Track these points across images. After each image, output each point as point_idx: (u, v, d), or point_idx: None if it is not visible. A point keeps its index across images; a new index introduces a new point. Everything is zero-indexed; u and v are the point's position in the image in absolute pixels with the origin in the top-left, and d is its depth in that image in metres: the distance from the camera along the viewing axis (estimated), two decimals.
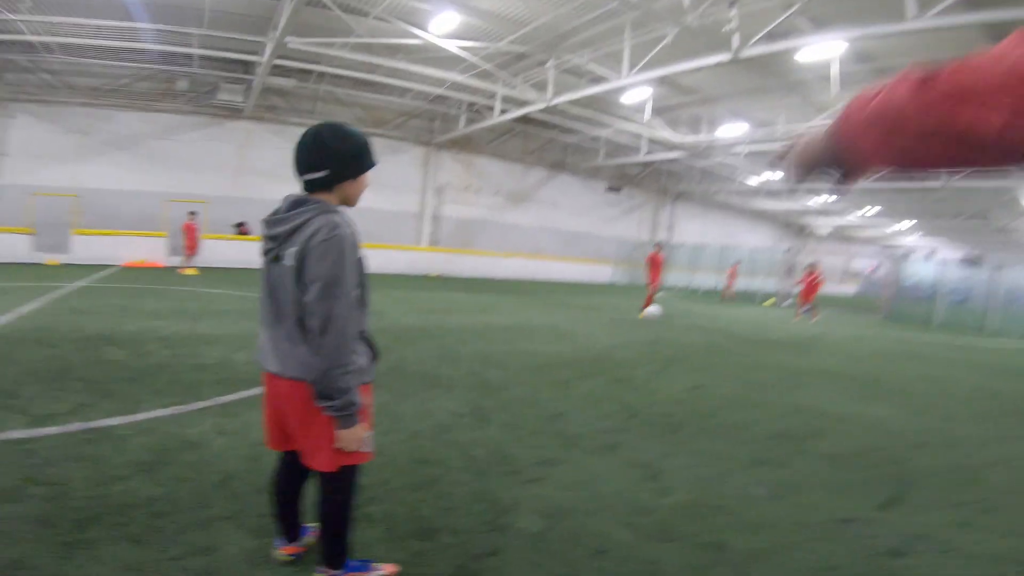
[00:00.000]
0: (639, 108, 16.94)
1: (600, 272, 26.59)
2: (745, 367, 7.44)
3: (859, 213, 33.52)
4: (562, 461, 3.58)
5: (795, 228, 40.67)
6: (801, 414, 5.20)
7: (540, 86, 15.41)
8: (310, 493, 2.16)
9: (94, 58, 15.13)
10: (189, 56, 15.09)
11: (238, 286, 11.93)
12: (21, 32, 13.11)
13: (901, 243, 47.10)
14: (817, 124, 15.95)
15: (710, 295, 23.83)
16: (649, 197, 29.48)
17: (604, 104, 17.53)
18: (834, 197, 28.24)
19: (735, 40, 9.99)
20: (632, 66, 12.24)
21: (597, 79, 13.86)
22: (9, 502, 2.49)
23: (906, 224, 36.94)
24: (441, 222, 21.99)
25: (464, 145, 22.04)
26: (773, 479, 3.55)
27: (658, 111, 17.97)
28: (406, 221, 21.41)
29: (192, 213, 14.76)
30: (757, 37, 9.89)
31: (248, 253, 17.13)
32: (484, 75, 15.09)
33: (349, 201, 2.05)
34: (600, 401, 5.07)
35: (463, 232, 22.67)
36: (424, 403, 4.57)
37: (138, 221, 16.68)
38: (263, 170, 18.32)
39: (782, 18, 9.50)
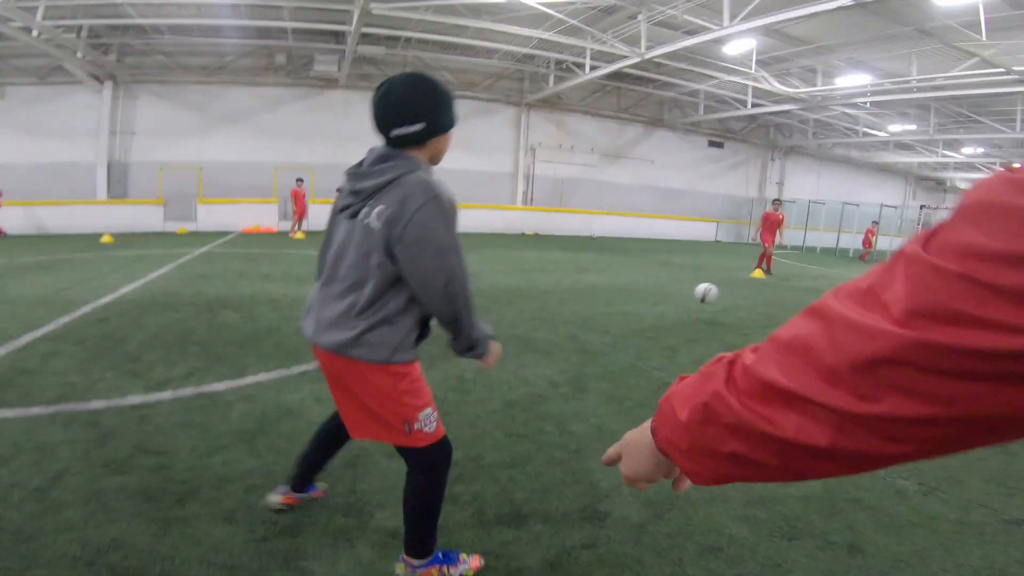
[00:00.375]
0: (744, 60, 15.45)
1: (703, 230, 25.27)
2: None
3: (1007, 165, 29.29)
4: None
5: (930, 184, 36.31)
6: None
7: (632, 40, 14.42)
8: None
9: (199, 36, 15.91)
10: (283, 31, 15.50)
11: None
12: (130, 16, 13.95)
13: None
14: (960, 74, 13.79)
15: (827, 253, 21.94)
16: (756, 152, 27.38)
17: (704, 56, 16.19)
18: (980, 149, 24.80)
19: None
20: (733, 15, 11.04)
21: (695, 31, 12.69)
22: (119, 474, 2.57)
23: None
24: (535, 181, 21.68)
25: (555, 104, 21.45)
26: (924, 470, 3.05)
27: (764, 63, 16.32)
28: (500, 181, 21.31)
29: (299, 180, 15.43)
30: None
31: None
32: (572, 31, 14.33)
33: (437, 158, 1.89)
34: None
35: (557, 190, 22.24)
36: (520, 369, 4.40)
37: (252, 190, 17.75)
38: (361, 137, 18.61)
39: None
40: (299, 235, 15.03)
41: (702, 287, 7.17)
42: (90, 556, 1.99)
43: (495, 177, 21.13)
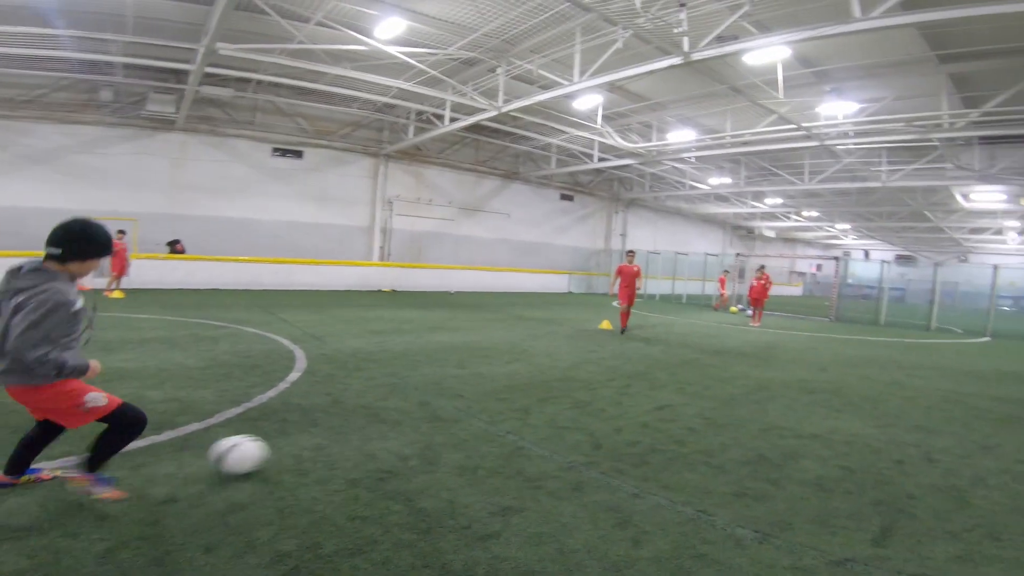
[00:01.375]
0: (590, 115, 16.82)
1: (557, 282, 26.40)
2: (709, 381, 7.18)
3: (801, 216, 34.51)
4: (523, 509, 3.14)
5: (743, 232, 41.66)
6: (774, 433, 4.92)
7: (490, 93, 15.07)
8: None
9: (6, 67, 13.93)
10: (111, 64, 14.03)
11: (167, 309, 11.03)
12: None
13: (840, 243, 48.98)
14: (763, 130, 16.21)
15: (665, 300, 23.90)
16: (602, 205, 29.59)
17: (556, 111, 17.37)
18: (779, 200, 29.02)
19: (685, 43, 9.91)
20: (583, 71, 12.07)
21: (548, 85, 13.62)
22: None
23: (844, 226, 38.26)
24: (392, 235, 21.30)
25: (414, 155, 21.54)
26: (758, 516, 3.20)
27: (609, 118, 17.93)
28: (356, 235, 20.63)
29: (120, 232, 13.67)
30: (707, 40, 9.83)
31: (182, 273, 16.09)
32: (433, 82, 14.60)
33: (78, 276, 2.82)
34: (563, 431, 4.65)
35: (415, 245, 22.05)
36: (366, 443, 4.05)
37: None
38: (200, 185, 17.39)
39: (730, 20, 9.44)
40: (116, 294, 13.21)
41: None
42: None
43: (350, 231, 20.44)
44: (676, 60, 10.31)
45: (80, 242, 2.70)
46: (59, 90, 15.50)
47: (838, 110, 14.76)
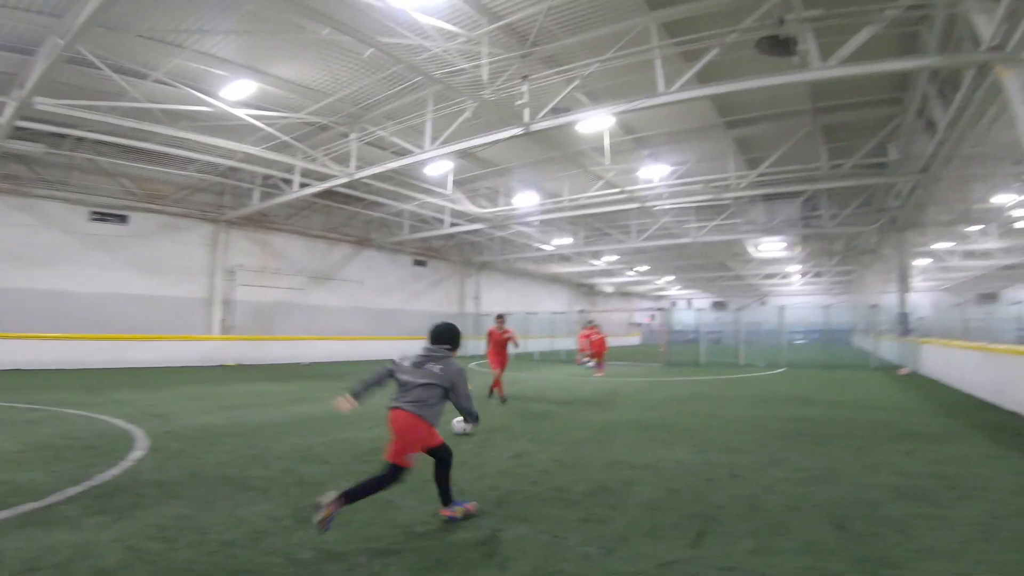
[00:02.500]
0: (442, 181, 17.69)
1: (414, 348, 26.30)
2: (559, 428, 7.88)
3: (633, 271, 38.37)
4: (400, 551, 3.41)
5: (585, 289, 45.03)
6: (615, 467, 5.63)
7: (342, 159, 15.29)
8: None
9: None
10: None
11: None
12: None
13: (667, 295, 54.78)
14: (594, 194, 18.23)
15: (518, 358, 25.00)
16: (454, 269, 30.49)
17: (408, 177, 18.00)
18: (615, 257, 32.11)
19: (526, 114, 11.11)
20: (434, 139, 12.77)
21: (400, 152, 14.21)
22: None
23: (669, 278, 43.14)
24: (235, 307, 20.12)
25: (259, 222, 20.78)
26: (602, 535, 3.75)
27: (459, 183, 18.94)
28: (194, 307, 19.20)
29: None
30: (544, 111, 11.11)
31: None
32: (282, 146, 14.49)
33: None
34: (428, 483, 4.89)
35: (262, 316, 20.98)
36: (233, 509, 4.05)
37: None
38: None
39: (564, 92, 10.83)
40: None
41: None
42: None
43: (187, 303, 18.96)
44: (517, 130, 11.44)
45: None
46: None
47: (654, 173, 17.18)
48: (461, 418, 5.11)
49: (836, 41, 8.56)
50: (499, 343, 10.90)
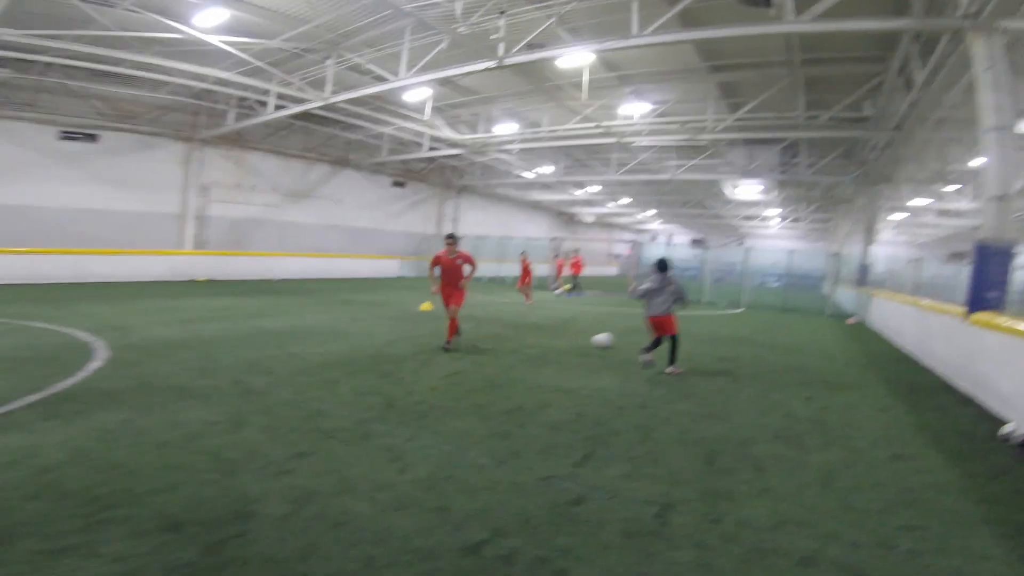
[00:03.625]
0: (420, 107, 17.47)
1: (389, 266, 26.80)
2: (503, 351, 8.42)
3: (615, 203, 38.49)
4: (315, 452, 3.91)
5: (566, 217, 45.17)
6: (538, 391, 6.16)
7: (319, 84, 15.03)
8: None
9: None
10: None
11: None
12: None
13: (649, 229, 55.17)
14: (573, 126, 18.16)
15: (493, 282, 25.51)
16: (434, 191, 30.41)
17: (387, 102, 17.71)
18: (597, 188, 32.20)
19: (501, 48, 10.98)
20: (410, 67, 12.62)
21: (377, 78, 13.99)
22: None
23: (651, 212, 43.36)
24: (208, 222, 20.10)
25: (235, 141, 20.43)
26: (500, 450, 4.27)
27: (439, 110, 18.72)
28: (165, 222, 19.10)
29: None
30: (519, 46, 10.96)
31: None
32: (256, 71, 14.21)
33: None
34: (362, 395, 5.47)
35: (236, 232, 21.02)
36: (174, 415, 4.53)
37: None
38: None
39: (540, 29, 10.68)
40: None
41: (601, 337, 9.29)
42: None
43: (157, 218, 18.82)
44: (491, 64, 11.30)
45: None
46: None
47: (635, 110, 17.11)
48: (603, 335, 9.38)
49: None
50: (451, 271, 8.55)
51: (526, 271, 17.77)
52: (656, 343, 7.63)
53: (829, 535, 3.14)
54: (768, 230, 47.01)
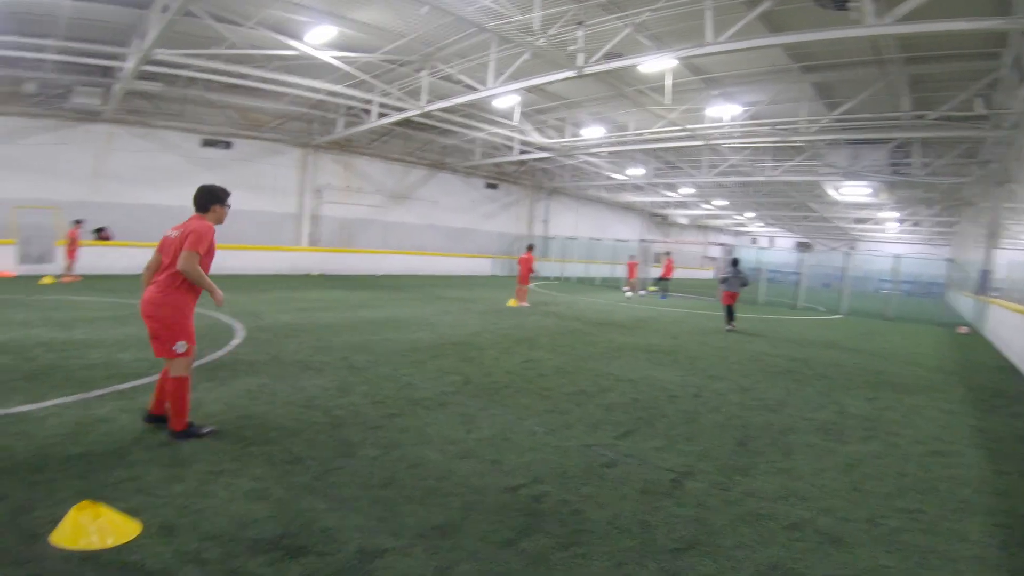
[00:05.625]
0: (509, 113, 18.48)
1: (482, 265, 28.12)
2: (577, 344, 9.08)
3: (710, 205, 37.61)
4: (402, 415, 4.82)
5: (659, 219, 44.66)
6: (602, 378, 6.78)
7: (415, 93, 16.39)
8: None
9: None
10: (40, 60, 14.35)
11: (103, 293, 11.89)
12: None
13: (748, 231, 53.11)
14: (659, 130, 18.37)
15: (582, 282, 26.08)
16: (525, 193, 31.42)
17: (478, 108, 18.86)
18: (692, 190, 31.78)
19: (580, 58, 11.63)
20: (497, 76, 13.58)
21: (468, 88, 15.10)
22: None
23: (750, 214, 41.85)
24: (321, 222, 22.33)
25: (344, 146, 22.51)
26: (555, 422, 4.98)
27: (528, 115, 19.63)
28: (285, 222, 21.54)
29: (78, 222, 14.42)
30: (598, 55, 11.55)
31: (110, 258, 16.60)
32: (361, 83, 15.80)
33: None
34: (445, 374, 6.36)
35: (344, 231, 23.17)
36: (297, 382, 5.62)
37: None
38: (125, 174, 17.65)
39: (618, 38, 11.20)
40: (71, 279, 13.99)
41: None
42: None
43: (280, 218, 21.31)
44: (571, 73, 12.02)
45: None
46: None
47: (725, 112, 17.07)
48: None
49: None
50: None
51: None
52: (729, 313, 12.41)
53: (825, 509, 3.55)
54: (883, 234, 43.85)
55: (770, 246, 50.78)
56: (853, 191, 25.68)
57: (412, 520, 3.02)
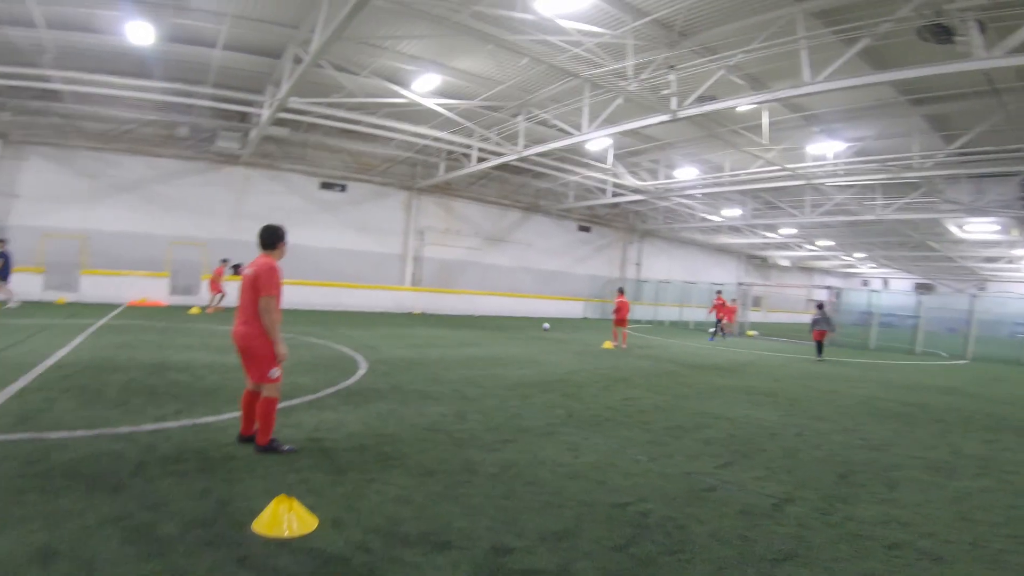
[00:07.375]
0: (603, 156, 19.06)
1: (574, 308, 28.47)
2: (674, 385, 9.23)
3: (814, 246, 35.94)
4: (515, 440, 5.31)
5: (757, 261, 43.14)
6: (700, 415, 6.96)
7: (512, 137, 17.38)
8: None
9: (103, 106, 16.41)
10: (190, 105, 16.20)
11: None
12: (46, 80, 14.07)
13: (858, 272, 49.92)
14: (756, 170, 18.20)
15: (675, 326, 25.76)
16: (618, 235, 31.62)
17: (572, 152, 19.58)
18: (793, 230, 30.64)
19: (673, 102, 12.01)
20: (591, 120, 14.22)
21: (562, 132, 15.85)
22: (174, 463, 4.17)
23: (860, 255, 39.49)
24: (423, 263, 23.76)
25: (444, 189, 23.95)
26: (655, 452, 5.27)
27: (620, 157, 20.10)
28: (391, 262, 23.12)
29: (224, 261, 16.56)
30: (691, 98, 11.87)
31: None
32: (461, 128, 17.01)
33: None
34: (550, 407, 6.81)
35: (444, 272, 24.46)
36: (419, 408, 6.29)
37: (140, 262, 17.99)
38: (257, 214, 19.67)
39: (711, 81, 11.49)
40: (215, 309, 16.18)
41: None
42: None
43: (386, 258, 22.91)
44: (664, 117, 12.40)
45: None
46: (144, 126, 18.06)
47: (827, 149, 16.70)
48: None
49: (1008, 26, 8.28)
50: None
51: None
52: (819, 348, 15.21)
53: (927, 533, 3.67)
54: (1020, 273, 39.83)
55: (884, 288, 47.43)
56: (979, 228, 23.87)
57: (532, 526, 3.47)
